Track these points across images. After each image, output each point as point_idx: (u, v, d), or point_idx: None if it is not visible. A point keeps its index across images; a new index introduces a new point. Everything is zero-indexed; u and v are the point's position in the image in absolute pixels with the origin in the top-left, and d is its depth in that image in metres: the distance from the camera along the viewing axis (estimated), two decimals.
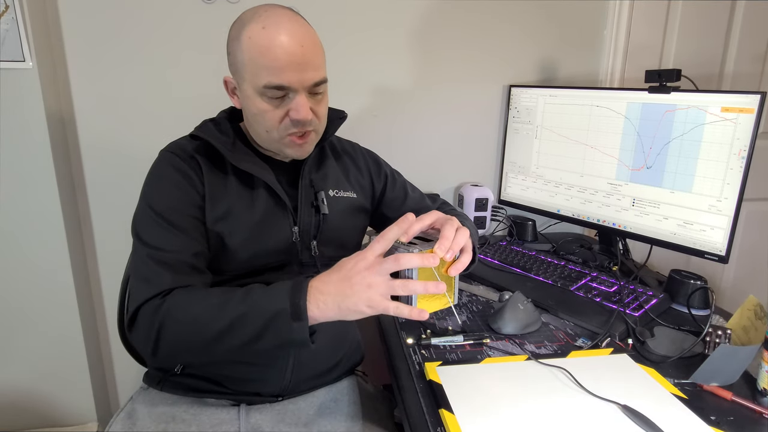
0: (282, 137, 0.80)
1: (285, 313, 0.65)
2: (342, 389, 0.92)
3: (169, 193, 0.79)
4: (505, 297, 0.98)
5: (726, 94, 1.00)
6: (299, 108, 0.76)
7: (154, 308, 0.70)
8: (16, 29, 1.14)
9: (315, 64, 0.76)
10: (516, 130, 1.43)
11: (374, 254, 0.65)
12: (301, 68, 0.74)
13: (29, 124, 1.20)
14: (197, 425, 0.80)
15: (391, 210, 1.03)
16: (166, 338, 0.69)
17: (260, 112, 0.77)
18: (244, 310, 0.67)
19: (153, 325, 0.69)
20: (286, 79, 0.74)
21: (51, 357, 1.35)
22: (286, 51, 0.73)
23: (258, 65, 0.74)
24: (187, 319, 0.68)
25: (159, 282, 0.72)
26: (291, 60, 0.73)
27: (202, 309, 0.68)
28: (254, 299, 0.68)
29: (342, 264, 0.67)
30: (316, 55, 0.77)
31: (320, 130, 0.85)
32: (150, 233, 0.76)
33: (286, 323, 0.65)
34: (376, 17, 1.38)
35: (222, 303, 0.68)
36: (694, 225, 1.07)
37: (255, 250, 0.82)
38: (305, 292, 0.66)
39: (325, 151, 0.95)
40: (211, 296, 0.70)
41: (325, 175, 0.92)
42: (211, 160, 0.83)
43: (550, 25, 1.49)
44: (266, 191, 0.83)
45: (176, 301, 0.70)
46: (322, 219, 0.87)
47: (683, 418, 0.67)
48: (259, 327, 0.66)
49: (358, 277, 0.64)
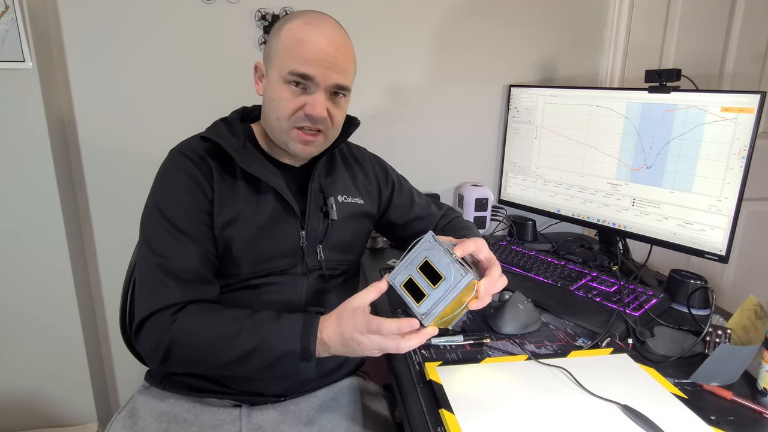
0: (291, 128, 0.80)
1: (294, 354, 0.69)
2: (342, 389, 0.92)
3: (178, 198, 0.79)
4: (505, 297, 0.98)
5: (726, 93, 1.00)
6: (315, 103, 0.77)
7: (164, 325, 0.72)
8: (16, 29, 1.14)
9: (342, 68, 0.78)
10: (516, 130, 1.43)
11: (367, 333, 0.67)
12: (328, 66, 0.76)
13: (29, 124, 1.20)
14: (199, 425, 0.80)
15: (398, 216, 1.03)
16: (174, 357, 0.73)
17: (278, 99, 0.79)
18: (254, 344, 0.70)
19: (162, 343, 0.72)
20: (311, 71, 0.76)
21: (51, 357, 1.35)
22: (319, 47, 0.76)
23: (290, 53, 0.76)
24: (196, 345, 0.72)
25: (167, 294, 0.73)
26: (321, 56, 0.76)
27: (212, 337, 0.71)
28: (266, 335, 0.70)
29: (340, 322, 0.70)
30: (346, 61, 0.79)
31: (331, 135, 0.85)
32: (158, 240, 0.77)
33: (295, 363, 0.70)
34: (376, 18, 1.38)
35: (233, 334, 0.71)
36: (694, 225, 1.07)
37: (261, 254, 0.82)
38: (315, 335, 0.70)
39: (335, 156, 0.95)
40: (221, 323, 0.72)
41: (335, 180, 0.92)
42: (221, 162, 0.82)
43: (550, 25, 1.49)
44: (274, 196, 0.83)
45: (187, 325, 0.72)
46: (330, 224, 0.87)
47: (683, 418, 0.67)
48: (269, 363, 0.70)
49: (360, 349, 0.68)
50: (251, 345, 0.70)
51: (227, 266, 0.81)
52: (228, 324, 0.72)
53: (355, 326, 0.67)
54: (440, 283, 0.66)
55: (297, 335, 0.69)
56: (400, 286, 0.69)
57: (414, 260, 0.69)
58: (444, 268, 0.66)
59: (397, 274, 0.70)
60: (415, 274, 0.68)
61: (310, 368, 0.70)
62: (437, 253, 0.67)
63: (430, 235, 0.69)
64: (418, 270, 0.68)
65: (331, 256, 0.88)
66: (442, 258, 0.66)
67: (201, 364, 0.75)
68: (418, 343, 0.67)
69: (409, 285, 0.68)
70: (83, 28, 1.24)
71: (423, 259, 0.68)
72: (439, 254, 0.67)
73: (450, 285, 0.65)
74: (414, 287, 0.68)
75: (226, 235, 0.79)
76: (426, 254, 0.68)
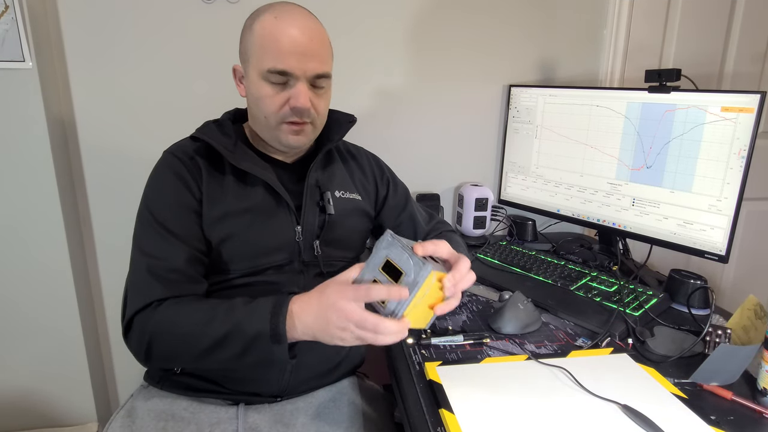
0: (278, 123, 0.81)
1: (265, 336, 0.67)
2: (341, 389, 0.91)
3: (167, 198, 0.80)
4: (505, 297, 0.98)
5: (726, 93, 1.00)
6: (299, 95, 0.78)
7: (144, 320, 0.73)
8: (16, 29, 1.14)
9: (320, 56, 0.79)
10: (516, 130, 1.43)
11: (352, 300, 0.63)
12: (305, 57, 0.77)
13: (29, 124, 1.20)
14: (196, 424, 0.80)
15: (389, 219, 1.02)
16: (156, 351, 0.74)
17: (261, 97, 0.79)
18: (227, 329, 0.69)
19: (144, 338, 0.73)
20: (289, 65, 0.76)
21: (51, 357, 1.35)
22: (293, 39, 0.76)
23: (265, 50, 0.76)
24: (174, 335, 0.72)
25: (149, 293, 0.74)
26: (296, 48, 0.76)
27: (188, 327, 0.71)
28: (237, 319, 0.69)
29: (323, 293, 0.66)
30: (322, 48, 0.79)
31: (318, 124, 0.85)
32: (146, 239, 0.78)
33: (267, 345, 0.68)
34: (375, 16, 1.38)
35: (207, 321, 0.70)
36: (694, 225, 1.07)
37: (255, 249, 0.82)
38: (285, 315, 0.67)
39: (331, 153, 0.96)
40: (196, 313, 0.72)
41: (332, 175, 0.92)
42: (210, 161, 0.83)
43: (550, 24, 1.49)
44: (266, 191, 0.83)
45: (163, 317, 0.72)
46: (327, 219, 0.87)
47: (683, 418, 0.67)
48: (241, 347, 0.69)
49: (336, 322, 0.63)
50: (224, 330, 0.69)
51: (221, 263, 0.81)
52: (203, 312, 0.72)
53: (341, 294, 0.64)
54: (402, 278, 0.63)
55: (267, 316, 0.67)
56: None
57: (376, 261, 0.66)
58: (404, 263, 0.64)
59: (362, 278, 0.67)
60: (378, 275, 0.66)
61: (283, 351, 0.67)
62: (396, 250, 0.65)
63: (388, 233, 0.67)
64: (380, 271, 0.66)
65: (328, 252, 0.88)
66: (401, 254, 0.64)
67: (182, 356, 0.74)
68: (398, 330, 0.62)
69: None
70: (83, 28, 1.24)
71: (384, 258, 0.66)
72: (398, 251, 0.65)
73: (411, 279, 0.63)
74: None
75: (216, 232, 0.80)
76: (386, 252, 0.66)
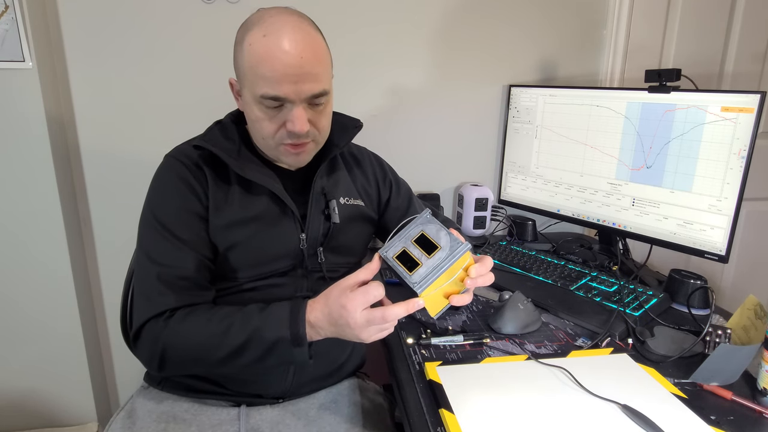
0: (277, 145, 0.79)
1: (285, 341, 0.69)
2: (342, 390, 0.92)
3: (173, 203, 0.79)
4: (505, 297, 0.98)
5: (726, 93, 1.00)
6: (295, 120, 0.75)
7: (157, 331, 0.72)
8: (16, 29, 1.14)
9: (314, 75, 0.74)
10: (516, 130, 1.43)
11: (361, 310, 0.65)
12: (298, 80, 0.72)
13: (29, 124, 1.20)
14: (197, 425, 0.80)
15: (392, 220, 1.01)
16: (170, 360, 0.73)
17: (257, 120, 0.77)
18: (246, 337, 0.70)
19: (156, 348, 0.72)
20: (282, 91, 0.72)
21: (51, 357, 1.35)
22: (284, 62, 0.71)
23: (256, 74, 0.72)
24: (189, 346, 0.72)
25: (160, 301, 0.74)
26: (288, 72, 0.71)
27: (204, 337, 0.71)
28: (255, 326, 0.70)
29: (332, 306, 0.67)
30: (316, 66, 0.74)
31: (320, 140, 0.83)
32: (153, 246, 0.77)
33: (288, 349, 0.69)
34: (375, 17, 1.38)
35: (224, 331, 0.71)
36: (694, 224, 1.07)
37: (260, 257, 0.81)
38: (303, 320, 0.69)
39: (335, 157, 0.94)
40: (212, 323, 0.72)
41: (337, 181, 0.91)
42: (215, 168, 0.82)
43: (550, 24, 1.49)
44: (271, 199, 0.83)
45: (178, 328, 0.72)
46: (332, 227, 0.86)
47: (683, 418, 0.67)
48: (262, 353, 0.70)
49: (349, 321, 0.65)
50: (242, 338, 0.70)
51: (226, 270, 0.81)
52: (218, 321, 0.72)
53: (344, 298, 0.65)
54: (436, 252, 0.66)
55: (286, 321, 0.69)
56: (393, 258, 0.68)
57: (409, 234, 0.69)
58: (442, 238, 0.67)
59: (390, 247, 0.69)
60: (409, 246, 0.68)
61: (304, 353, 0.69)
62: (433, 227, 0.68)
63: (428, 212, 0.70)
64: (413, 242, 0.68)
65: (331, 258, 0.88)
66: (439, 230, 0.67)
67: (198, 365, 0.75)
68: (405, 312, 0.64)
69: (402, 257, 0.68)
70: (83, 28, 1.24)
71: (419, 232, 0.68)
72: (436, 228, 0.68)
73: (447, 253, 0.66)
74: (408, 258, 0.67)
75: (222, 239, 0.79)
76: (422, 228, 0.68)
